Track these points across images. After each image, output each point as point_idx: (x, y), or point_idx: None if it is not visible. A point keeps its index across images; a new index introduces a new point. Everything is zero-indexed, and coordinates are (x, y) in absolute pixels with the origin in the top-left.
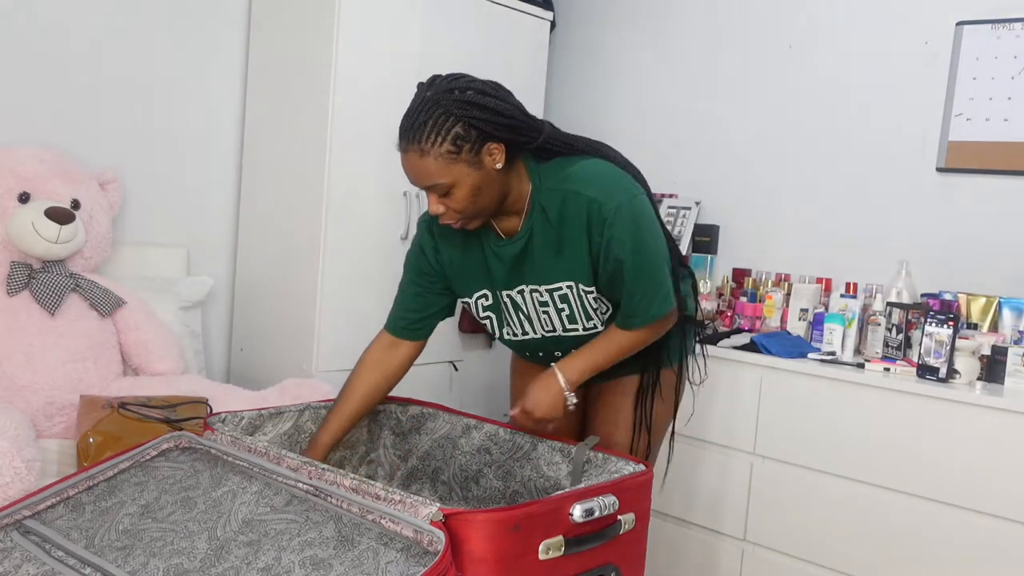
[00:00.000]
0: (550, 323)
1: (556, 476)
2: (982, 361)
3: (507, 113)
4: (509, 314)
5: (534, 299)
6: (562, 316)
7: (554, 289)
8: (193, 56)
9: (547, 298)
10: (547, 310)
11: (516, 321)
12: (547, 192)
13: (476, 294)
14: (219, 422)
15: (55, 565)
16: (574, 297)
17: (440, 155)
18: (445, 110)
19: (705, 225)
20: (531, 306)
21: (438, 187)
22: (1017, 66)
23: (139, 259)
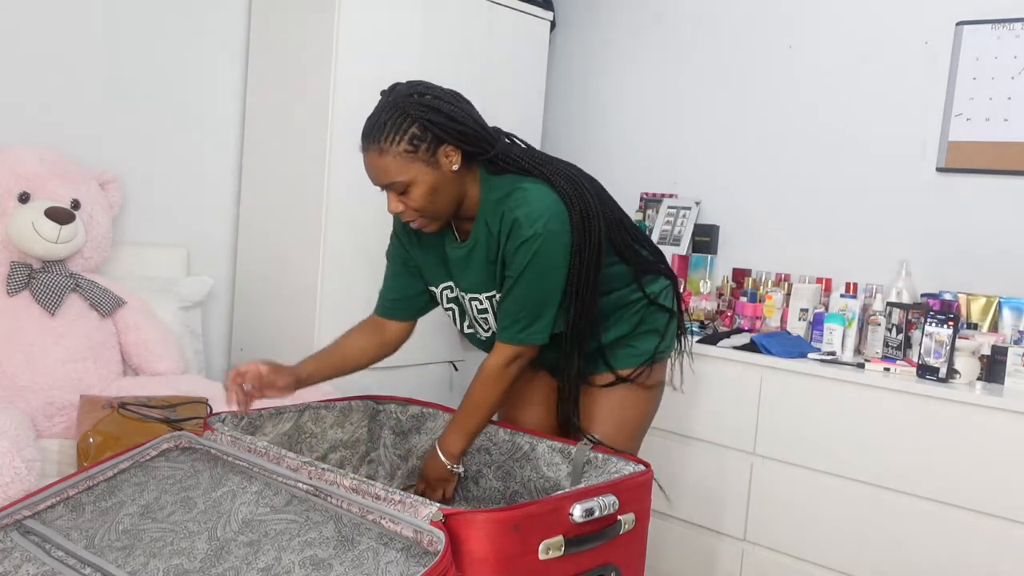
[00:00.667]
0: (489, 326)
1: (556, 476)
2: (982, 361)
3: (461, 120)
4: (463, 313)
5: (473, 306)
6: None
7: (491, 296)
8: (193, 56)
9: (486, 305)
10: (485, 316)
11: (469, 320)
12: (492, 205)
13: (442, 285)
14: (219, 422)
15: (55, 565)
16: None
17: (398, 154)
18: (403, 112)
19: (705, 225)
20: (472, 311)
21: (396, 185)
22: (1017, 66)
23: (139, 259)
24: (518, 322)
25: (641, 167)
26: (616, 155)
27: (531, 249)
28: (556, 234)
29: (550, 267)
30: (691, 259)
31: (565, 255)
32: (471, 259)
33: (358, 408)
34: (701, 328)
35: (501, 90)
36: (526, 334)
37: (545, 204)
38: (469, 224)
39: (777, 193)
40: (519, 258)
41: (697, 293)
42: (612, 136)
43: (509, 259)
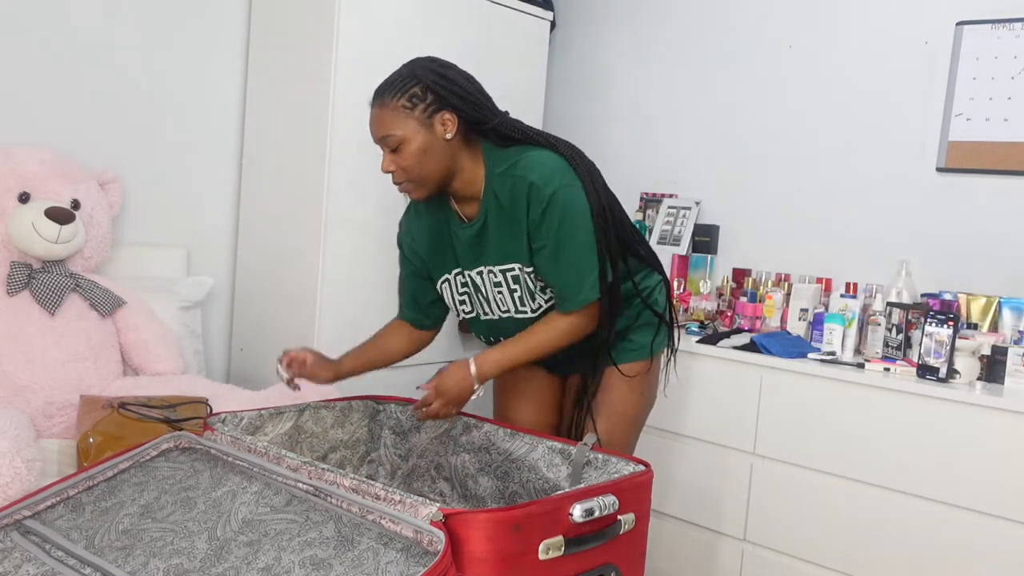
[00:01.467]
0: (504, 304)
1: (555, 477)
2: (982, 361)
3: (465, 90)
4: (479, 295)
5: (489, 280)
6: (514, 297)
7: (507, 270)
8: (193, 56)
9: (500, 279)
10: (500, 291)
11: (479, 302)
12: (499, 177)
13: (454, 271)
14: (219, 422)
15: (55, 565)
16: (524, 279)
17: (396, 108)
18: (412, 73)
19: (705, 225)
20: (487, 287)
21: (390, 139)
22: (1017, 66)
23: (139, 259)
24: (577, 283)
25: (641, 167)
26: (616, 155)
27: (558, 205)
28: (573, 186)
29: (580, 218)
30: (691, 259)
31: (587, 206)
32: (483, 234)
33: (358, 408)
34: (701, 328)
35: (501, 90)
36: (587, 291)
37: (554, 163)
38: (475, 204)
39: (777, 193)
40: (549, 219)
41: (697, 293)
42: (612, 136)
43: (538, 226)
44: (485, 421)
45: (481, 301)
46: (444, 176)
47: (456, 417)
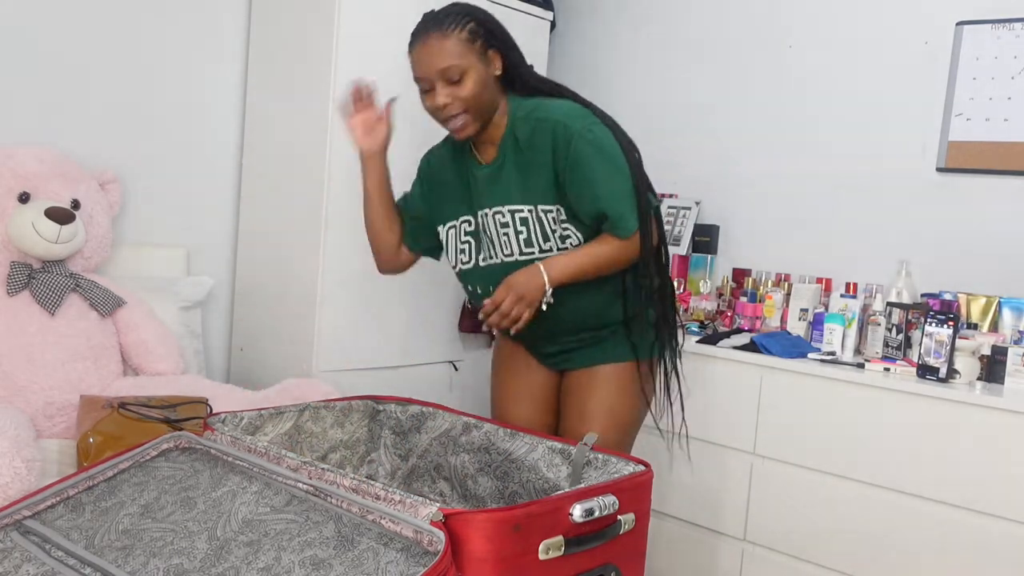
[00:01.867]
0: (508, 247)
1: (555, 477)
2: (982, 361)
3: (507, 32)
4: (486, 238)
5: (496, 220)
6: (519, 239)
7: (516, 211)
8: (193, 56)
9: (508, 219)
10: (507, 231)
11: (485, 245)
12: (520, 121)
13: (461, 218)
14: (219, 422)
15: (55, 565)
16: (533, 220)
17: (460, 39)
18: (464, 10)
19: (705, 225)
20: (493, 228)
21: (452, 69)
22: (1017, 66)
23: (139, 259)
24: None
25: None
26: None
27: (587, 140)
28: (599, 125)
29: (612, 150)
30: (691, 259)
31: (616, 142)
32: (499, 175)
33: (358, 408)
34: (701, 328)
35: None
36: (633, 219)
37: (577, 108)
38: (493, 148)
39: (777, 193)
40: (581, 153)
41: (697, 293)
42: None
43: (571, 162)
44: (485, 421)
45: (486, 244)
46: (493, 113)
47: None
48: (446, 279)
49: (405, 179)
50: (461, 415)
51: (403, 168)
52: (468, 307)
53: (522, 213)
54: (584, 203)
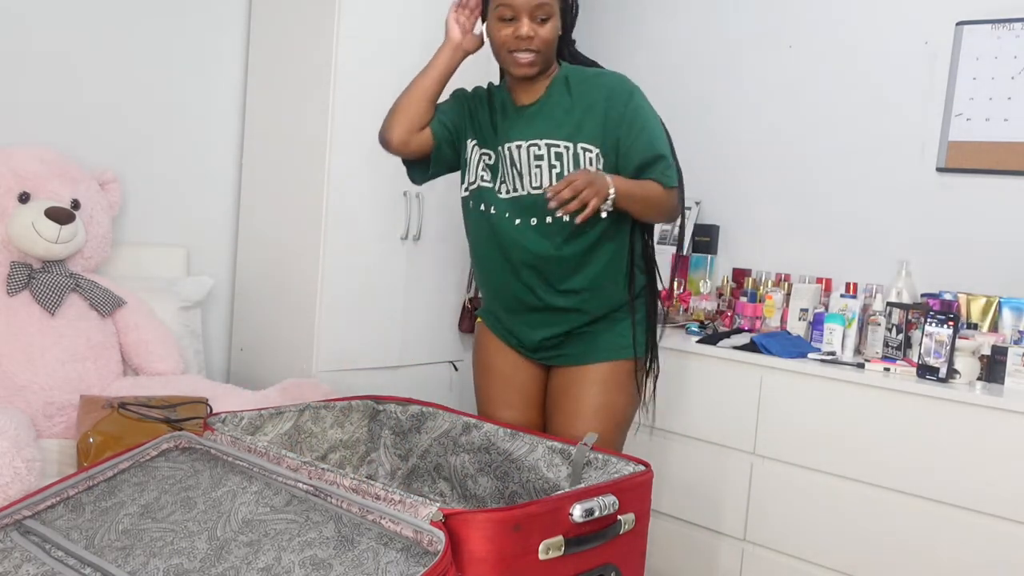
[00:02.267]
0: (539, 178)
1: (555, 477)
2: (982, 361)
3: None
4: (506, 170)
5: (531, 153)
6: (552, 172)
7: (552, 145)
8: (193, 56)
9: (543, 152)
10: (540, 164)
11: (508, 175)
12: (573, 72)
13: (483, 150)
14: (219, 422)
15: (55, 565)
16: (569, 157)
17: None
18: None
19: (705, 225)
20: (525, 160)
21: (545, 8)
22: (1017, 66)
23: (139, 259)
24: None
25: None
26: None
27: (645, 99)
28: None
29: (657, 117)
30: (691, 259)
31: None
32: (542, 111)
33: (358, 408)
34: (701, 328)
35: None
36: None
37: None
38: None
39: (777, 193)
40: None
41: (697, 293)
42: None
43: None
44: (485, 421)
45: (513, 175)
46: (551, 64)
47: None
48: (446, 279)
49: (389, 186)
50: (461, 415)
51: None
52: (468, 307)
53: (558, 148)
54: (639, 146)
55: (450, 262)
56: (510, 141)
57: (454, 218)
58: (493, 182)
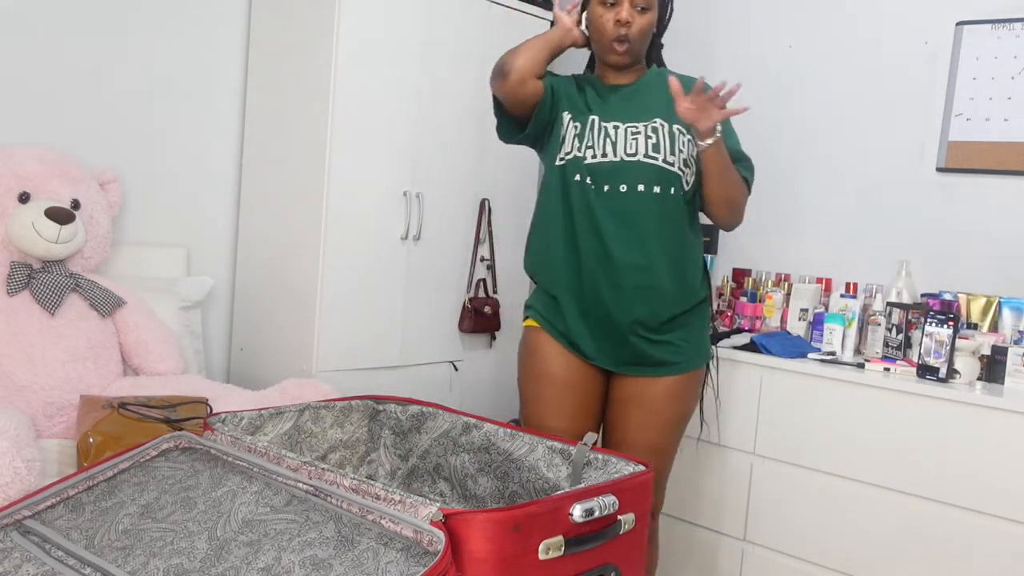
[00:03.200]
0: (635, 147)
1: (555, 477)
2: (982, 361)
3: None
4: (595, 139)
5: (627, 132)
6: (648, 144)
7: (648, 123)
8: (193, 56)
9: (640, 129)
10: (637, 137)
11: (599, 143)
12: (663, 70)
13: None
14: (219, 422)
15: (55, 565)
16: (664, 133)
17: None
18: None
19: (705, 225)
20: (621, 136)
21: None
22: (1017, 66)
23: (139, 259)
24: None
25: None
26: None
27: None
28: None
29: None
30: None
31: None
32: (635, 96)
33: (358, 408)
34: None
35: None
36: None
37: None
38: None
39: (777, 193)
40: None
41: None
42: None
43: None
44: (485, 421)
45: (604, 142)
46: (641, 58)
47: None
48: (446, 279)
49: (389, 185)
50: (461, 415)
51: (400, 167)
52: (468, 307)
53: (654, 124)
54: (728, 142)
55: (450, 262)
56: (607, 121)
57: (454, 218)
58: (582, 151)
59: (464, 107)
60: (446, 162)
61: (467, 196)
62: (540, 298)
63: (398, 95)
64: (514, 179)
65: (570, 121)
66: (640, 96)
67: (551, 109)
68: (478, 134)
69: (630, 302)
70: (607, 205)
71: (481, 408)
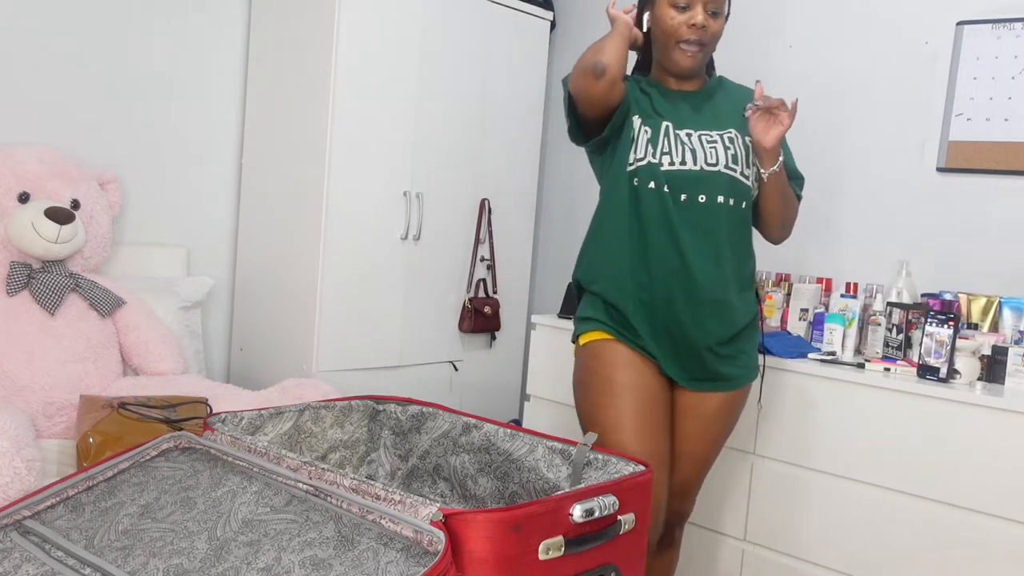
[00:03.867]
0: (715, 156)
1: (555, 477)
2: (982, 361)
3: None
4: (671, 145)
5: (702, 140)
6: (727, 154)
7: (724, 133)
8: (193, 56)
9: (716, 139)
10: (715, 146)
11: (678, 151)
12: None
13: (644, 126)
14: (219, 422)
15: (55, 565)
16: (739, 144)
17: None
18: None
19: None
20: (698, 143)
21: (719, 3)
22: (1017, 66)
23: (139, 259)
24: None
25: None
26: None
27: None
28: None
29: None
30: None
31: None
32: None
33: (358, 408)
34: None
35: (501, 90)
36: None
37: None
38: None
39: None
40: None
41: None
42: None
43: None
44: (485, 421)
45: (683, 151)
46: (705, 64)
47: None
48: (446, 279)
49: (388, 185)
50: (461, 415)
51: (396, 165)
52: (468, 307)
53: (729, 134)
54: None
55: (450, 262)
56: (679, 127)
57: (454, 218)
58: (657, 157)
59: (464, 107)
60: (446, 162)
61: (467, 196)
62: (600, 309)
63: (398, 95)
64: (514, 179)
65: (640, 125)
66: (709, 104)
67: (625, 112)
68: (478, 134)
69: (707, 317)
70: (686, 216)
71: (481, 408)
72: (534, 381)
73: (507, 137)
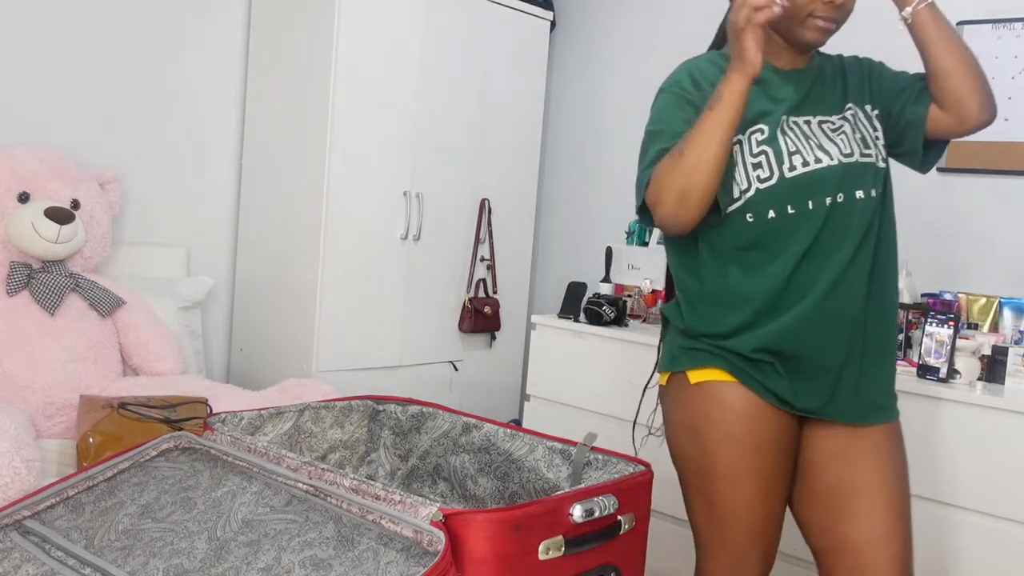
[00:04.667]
0: (848, 145)
1: (555, 477)
2: (983, 361)
3: None
4: (799, 142)
5: (824, 128)
6: (855, 138)
7: (843, 116)
8: (193, 57)
9: (838, 124)
10: (842, 132)
11: (808, 148)
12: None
13: (750, 129)
14: (219, 422)
15: (55, 565)
16: (860, 121)
17: None
18: None
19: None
20: (822, 135)
21: None
22: (1017, 66)
23: (139, 259)
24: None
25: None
26: (616, 155)
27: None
28: None
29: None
30: None
31: None
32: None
33: (358, 408)
34: None
35: (501, 90)
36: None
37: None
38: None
39: None
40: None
41: None
42: (611, 135)
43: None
44: (485, 421)
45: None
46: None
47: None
48: (446, 279)
49: (388, 185)
50: (461, 415)
51: (394, 166)
52: (468, 307)
53: (851, 109)
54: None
55: (450, 262)
56: (795, 116)
57: (454, 218)
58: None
59: (464, 107)
60: (446, 162)
61: (467, 196)
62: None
63: (398, 95)
64: (514, 179)
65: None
66: (821, 81)
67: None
68: (478, 134)
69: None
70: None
71: (481, 408)
72: (534, 381)
73: (507, 137)
